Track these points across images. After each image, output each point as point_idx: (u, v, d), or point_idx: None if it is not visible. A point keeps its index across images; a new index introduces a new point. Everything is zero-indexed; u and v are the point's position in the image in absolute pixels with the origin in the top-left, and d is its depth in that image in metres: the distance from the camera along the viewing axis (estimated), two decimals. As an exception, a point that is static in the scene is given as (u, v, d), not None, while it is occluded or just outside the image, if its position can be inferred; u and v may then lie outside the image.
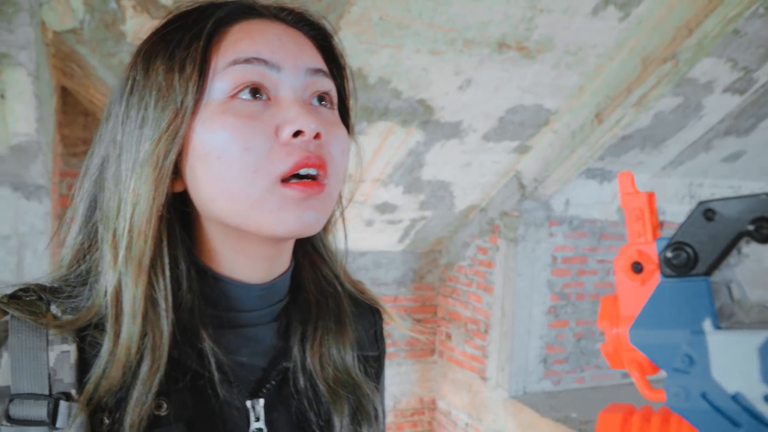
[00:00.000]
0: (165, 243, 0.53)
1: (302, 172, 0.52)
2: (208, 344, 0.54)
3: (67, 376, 0.52)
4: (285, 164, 0.51)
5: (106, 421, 0.51)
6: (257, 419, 0.57)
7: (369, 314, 0.69)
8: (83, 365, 0.52)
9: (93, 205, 0.57)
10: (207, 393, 0.54)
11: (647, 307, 0.33)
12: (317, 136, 0.52)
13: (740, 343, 0.30)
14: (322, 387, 0.60)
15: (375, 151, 3.08)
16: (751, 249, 0.31)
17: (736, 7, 2.51)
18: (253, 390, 0.58)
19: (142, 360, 0.51)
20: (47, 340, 0.52)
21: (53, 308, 0.53)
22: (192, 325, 0.53)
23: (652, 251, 0.33)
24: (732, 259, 0.31)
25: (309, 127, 0.51)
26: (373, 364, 0.67)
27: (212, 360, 0.54)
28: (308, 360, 0.60)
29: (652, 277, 0.33)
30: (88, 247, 0.56)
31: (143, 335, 0.51)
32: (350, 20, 2.30)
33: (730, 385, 0.30)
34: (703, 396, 0.31)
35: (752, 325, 0.31)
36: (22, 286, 0.56)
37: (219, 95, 0.53)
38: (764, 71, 3.23)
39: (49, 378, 0.52)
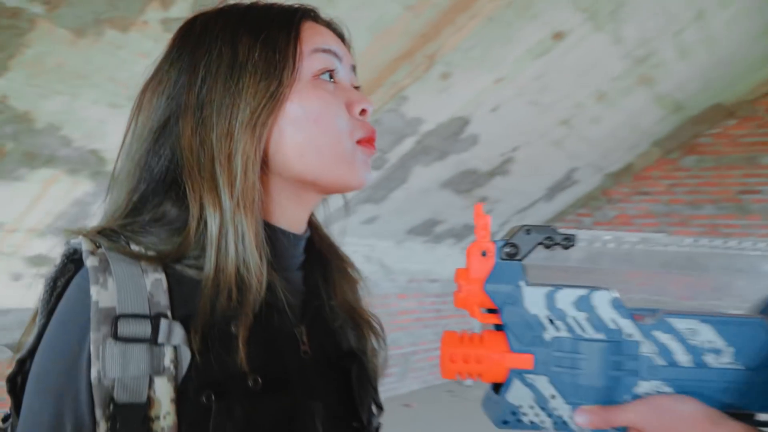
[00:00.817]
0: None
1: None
2: (278, 279, 0.65)
3: (162, 299, 0.59)
4: (361, 132, 0.68)
5: (225, 329, 0.60)
6: (303, 344, 0.69)
7: None
8: (171, 292, 0.60)
9: (156, 148, 0.65)
10: (264, 320, 0.63)
11: (492, 274, 0.62)
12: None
13: (536, 292, 0.61)
14: (343, 316, 0.76)
15: (34, 199, 2.83)
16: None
17: (377, 103, 3.13)
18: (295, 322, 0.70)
19: (244, 284, 0.61)
20: (141, 269, 0.59)
21: (133, 246, 0.60)
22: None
23: (492, 246, 0.62)
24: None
25: (370, 107, 0.69)
26: None
27: (281, 293, 0.65)
28: (332, 297, 0.75)
29: (491, 259, 0.62)
30: (155, 194, 0.65)
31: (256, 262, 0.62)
32: (23, 61, 2.16)
33: (532, 310, 0.61)
34: (520, 315, 0.61)
35: (538, 283, 0.63)
36: (96, 228, 0.62)
37: (306, 74, 0.66)
38: (394, 153, 4.02)
39: (149, 300, 0.58)
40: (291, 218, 0.70)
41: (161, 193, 0.65)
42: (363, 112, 0.68)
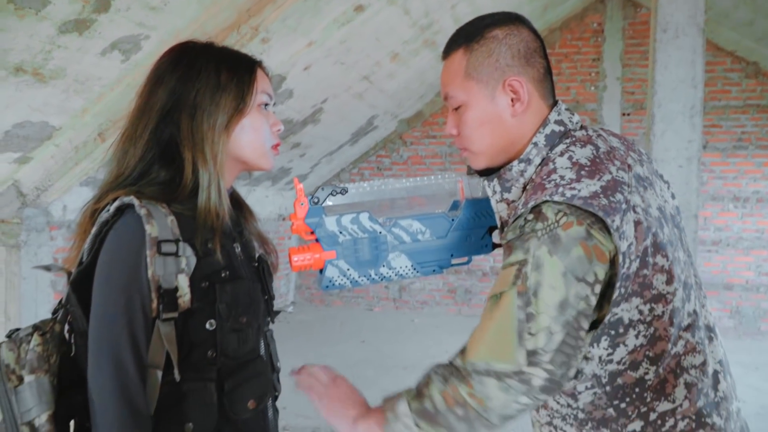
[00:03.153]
0: None
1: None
2: (230, 214, 1.08)
3: (176, 230, 0.96)
4: (274, 141, 1.10)
5: (207, 246, 0.99)
6: (239, 251, 1.09)
7: None
8: (179, 225, 0.98)
9: (161, 127, 1.02)
10: (223, 238, 1.04)
11: (308, 214, 1.07)
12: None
13: (331, 219, 1.09)
14: (253, 238, 1.18)
15: None
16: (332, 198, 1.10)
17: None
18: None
19: (219, 215, 1.01)
20: (164, 213, 0.96)
21: (149, 192, 0.99)
22: None
23: (306, 200, 1.06)
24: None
25: (282, 127, 1.11)
26: None
27: (229, 221, 1.07)
28: (245, 226, 1.17)
29: (306, 206, 1.06)
30: (154, 163, 1.02)
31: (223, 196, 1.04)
32: None
33: (330, 228, 1.08)
34: (325, 232, 1.08)
35: (331, 214, 1.09)
36: (133, 190, 0.97)
37: (255, 103, 1.06)
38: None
39: (172, 231, 0.95)
40: (227, 180, 1.08)
41: (158, 162, 1.02)
42: (278, 130, 1.12)
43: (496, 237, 1.24)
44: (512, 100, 1.05)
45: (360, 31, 4.43)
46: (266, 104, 1.10)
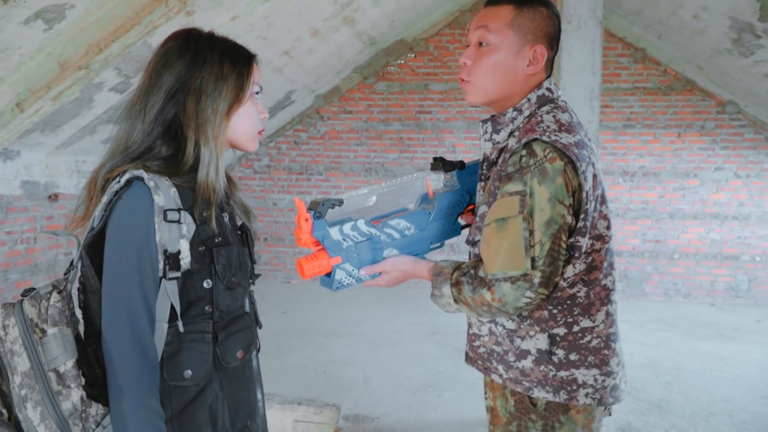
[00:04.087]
0: None
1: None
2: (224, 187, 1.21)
3: (178, 200, 1.07)
4: (260, 127, 1.22)
5: (203, 215, 1.10)
6: (226, 219, 1.20)
7: None
8: (180, 196, 1.08)
9: (167, 107, 1.12)
10: (216, 208, 1.15)
11: (314, 227, 1.21)
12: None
13: (334, 228, 1.24)
14: (238, 208, 1.28)
15: None
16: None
17: (132, 38, 3.49)
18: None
19: (214, 189, 1.12)
20: (168, 184, 1.06)
21: (154, 166, 1.10)
22: None
23: (309, 215, 1.20)
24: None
25: (267, 115, 1.23)
26: None
27: (222, 195, 1.19)
28: (232, 197, 1.27)
29: (311, 221, 1.20)
30: (158, 138, 1.12)
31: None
32: None
33: (335, 237, 1.24)
34: (330, 241, 1.23)
35: (333, 223, 1.25)
36: (139, 164, 1.08)
37: (250, 92, 1.17)
38: (138, 78, 4.31)
39: (174, 201, 1.06)
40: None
41: (161, 138, 1.13)
42: (264, 117, 1.25)
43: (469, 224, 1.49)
44: (529, 62, 1.30)
45: (283, 7, 4.50)
46: (257, 93, 1.23)
